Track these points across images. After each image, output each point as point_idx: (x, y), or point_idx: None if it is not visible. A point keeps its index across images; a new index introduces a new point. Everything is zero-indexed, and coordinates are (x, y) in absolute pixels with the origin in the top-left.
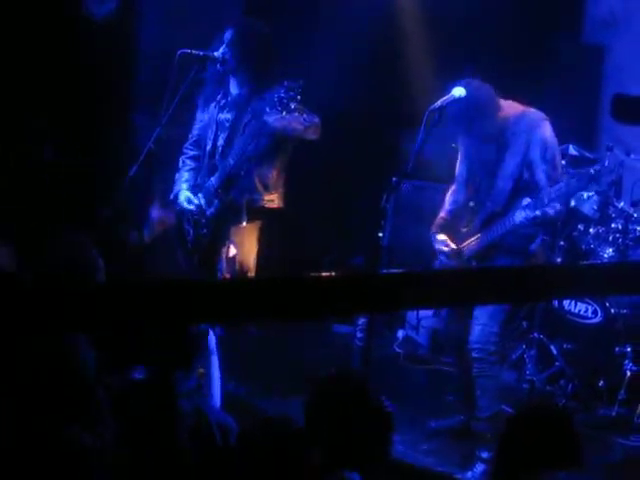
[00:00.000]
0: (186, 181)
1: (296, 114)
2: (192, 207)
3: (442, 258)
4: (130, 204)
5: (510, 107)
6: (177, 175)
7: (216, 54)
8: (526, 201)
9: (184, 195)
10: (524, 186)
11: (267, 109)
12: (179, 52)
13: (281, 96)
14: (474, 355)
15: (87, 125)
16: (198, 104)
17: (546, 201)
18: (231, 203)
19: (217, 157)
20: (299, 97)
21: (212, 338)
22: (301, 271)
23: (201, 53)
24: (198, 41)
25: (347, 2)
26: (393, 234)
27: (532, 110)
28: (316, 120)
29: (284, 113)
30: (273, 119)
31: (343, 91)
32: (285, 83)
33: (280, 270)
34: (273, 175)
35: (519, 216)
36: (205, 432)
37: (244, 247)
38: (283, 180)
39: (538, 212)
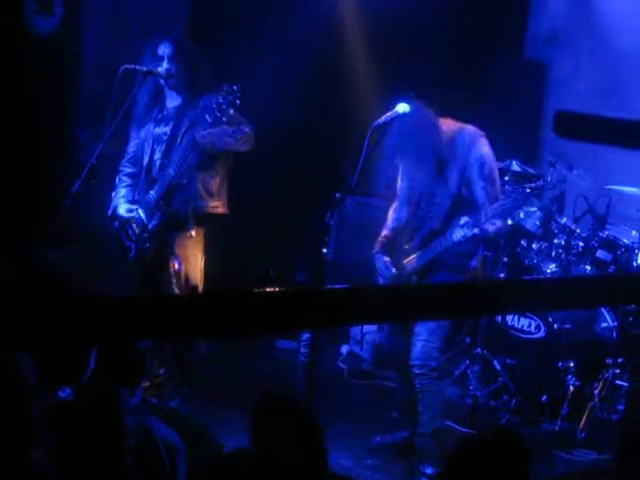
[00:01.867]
0: (123, 196)
1: (225, 127)
2: (134, 214)
3: (383, 280)
4: (72, 220)
5: (447, 125)
6: (114, 193)
7: (160, 69)
8: (464, 220)
9: (123, 207)
10: (463, 203)
11: (207, 117)
12: (122, 68)
13: (219, 102)
14: (416, 371)
15: (29, 141)
16: (131, 125)
17: (483, 220)
18: (174, 213)
19: (155, 171)
20: (238, 102)
21: None
22: (246, 282)
23: (144, 68)
24: (141, 56)
25: (291, 17)
26: (337, 250)
27: (469, 127)
28: (247, 130)
29: (224, 118)
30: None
31: (288, 106)
32: (224, 87)
33: (225, 282)
34: (216, 181)
35: (457, 234)
36: (150, 450)
37: (188, 260)
38: (226, 188)
39: (476, 230)
